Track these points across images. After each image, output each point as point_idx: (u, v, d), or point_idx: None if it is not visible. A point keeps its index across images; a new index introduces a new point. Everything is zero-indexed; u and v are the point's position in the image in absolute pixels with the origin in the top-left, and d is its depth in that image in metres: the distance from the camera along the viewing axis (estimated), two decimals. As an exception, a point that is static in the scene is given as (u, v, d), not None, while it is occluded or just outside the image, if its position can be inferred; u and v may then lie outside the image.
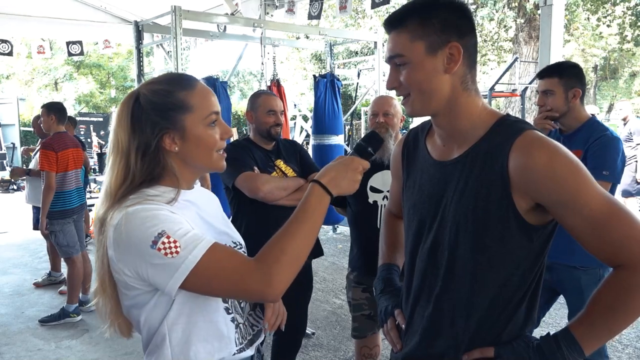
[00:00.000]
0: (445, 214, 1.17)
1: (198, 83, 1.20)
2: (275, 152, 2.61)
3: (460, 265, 1.16)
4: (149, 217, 1.05)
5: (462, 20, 1.14)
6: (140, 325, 1.17)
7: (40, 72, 19.69)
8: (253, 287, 1.04)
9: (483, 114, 1.17)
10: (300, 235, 1.09)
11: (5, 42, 7.38)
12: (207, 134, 1.17)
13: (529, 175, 1.06)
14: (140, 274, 1.06)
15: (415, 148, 1.35)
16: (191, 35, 5.74)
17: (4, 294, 4.86)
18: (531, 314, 1.18)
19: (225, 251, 1.08)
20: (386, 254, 1.52)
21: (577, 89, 2.36)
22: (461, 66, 1.13)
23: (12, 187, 12.19)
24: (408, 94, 1.16)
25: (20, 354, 3.59)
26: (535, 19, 11.28)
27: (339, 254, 6.12)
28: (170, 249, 1.02)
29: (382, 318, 1.38)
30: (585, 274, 2.32)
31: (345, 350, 3.57)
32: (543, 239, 1.13)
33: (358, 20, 14.17)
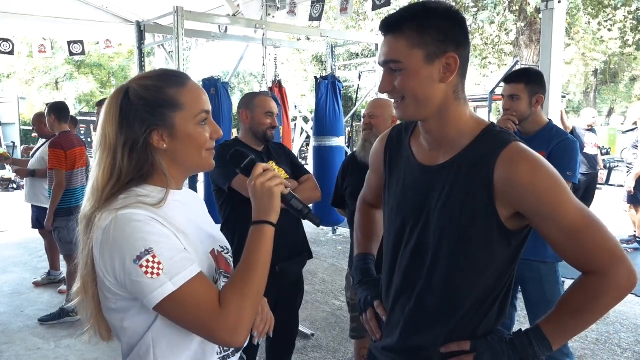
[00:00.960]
0: (430, 218, 1.22)
1: (189, 81, 1.18)
2: (267, 154, 2.59)
3: (443, 267, 1.21)
4: (140, 228, 1.03)
5: (459, 30, 1.16)
6: (121, 331, 1.13)
7: (41, 71, 19.69)
8: (217, 335, 1.05)
9: (470, 122, 1.21)
10: (256, 277, 1.10)
11: (7, 41, 7.39)
12: (197, 132, 1.15)
13: (513, 187, 1.12)
14: (120, 281, 1.04)
15: (399, 147, 1.37)
16: (193, 36, 5.75)
17: (3, 292, 4.86)
18: (504, 310, 1.26)
19: (202, 287, 1.05)
20: (362, 244, 1.56)
21: (540, 95, 2.51)
22: (456, 76, 1.16)
23: (12, 185, 12.19)
24: (402, 98, 1.18)
25: (19, 353, 3.59)
26: (536, 22, 11.31)
27: (338, 255, 6.12)
28: (152, 270, 1.00)
29: (362, 308, 1.43)
30: (544, 266, 2.52)
31: (345, 352, 3.57)
32: (519, 242, 1.21)
33: (359, 22, 14.19)
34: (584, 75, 23.14)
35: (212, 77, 4.78)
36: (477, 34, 13.16)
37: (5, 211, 9.31)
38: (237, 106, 2.63)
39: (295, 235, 2.54)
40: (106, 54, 16.07)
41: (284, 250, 2.41)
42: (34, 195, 4.81)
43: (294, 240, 2.53)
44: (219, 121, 4.55)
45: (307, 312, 4.14)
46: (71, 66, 19.15)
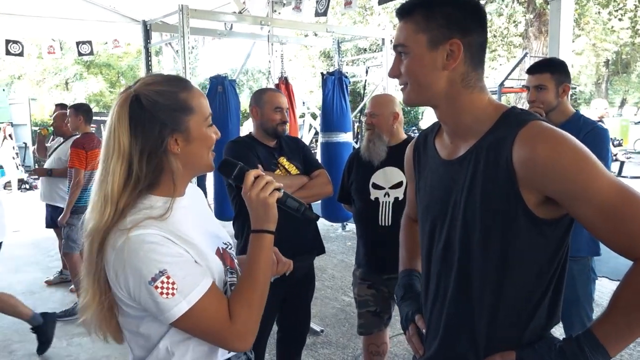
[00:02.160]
0: (455, 213, 1.16)
1: (192, 85, 1.23)
2: (279, 150, 2.58)
3: (472, 265, 1.13)
4: (153, 250, 1.06)
5: (469, 17, 1.12)
6: (136, 336, 1.16)
7: (51, 72, 19.86)
8: (227, 343, 1.15)
9: (489, 108, 1.15)
10: (259, 285, 1.17)
11: (16, 43, 7.45)
12: (208, 134, 1.20)
13: (534, 168, 1.02)
14: (134, 299, 1.08)
15: (425, 149, 1.34)
16: (199, 34, 5.77)
17: (16, 291, 4.89)
18: (554, 312, 1.14)
19: (214, 300, 1.11)
20: (406, 260, 1.51)
21: (566, 84, 2.45)
22: (461, 64, 1.12)
23: (25, 186, 12.31)
24: (406, 83, 1.17)
25: (32, 351, 3.63)
26: (545, 13, 11.19)
27: (347, 251, 6.12)
28: (167, 290, 1.05)
29: (404, 324, 1.37)
30: (575, 264, 2.37)
31: (354, 348, 3.57)
32: (558, 234, 1.10)
33: (366, 17, 14.14)
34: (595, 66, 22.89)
35: (219, 75, 4.78)
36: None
37: (18, 211, 9.41)
38: (249, 103, 2.65)
39: (306, 230, 2.52)
40: (115, 53, 16.17)
41: (294, 246, 2.41)
42: (49, 195, 4.87)
43: (304, 235, 2.50)
44: (226, 119, 4.56)
45: (317, 308, 4.14)
46: (80, 66, 19.29)
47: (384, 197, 2.45)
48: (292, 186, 2.39)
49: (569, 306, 2.47)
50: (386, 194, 2.45)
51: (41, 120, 16.03)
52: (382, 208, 2.45)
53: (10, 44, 7.42)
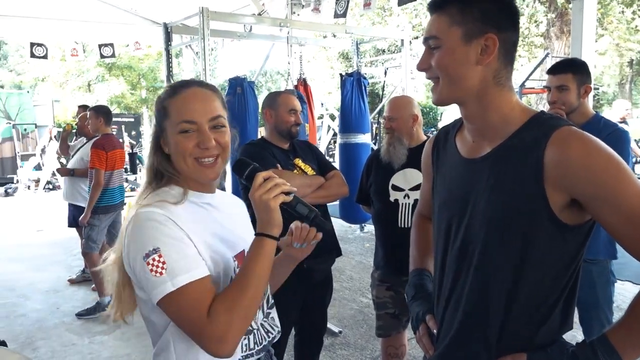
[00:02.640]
0: (475, 212, 1.14)
1: (187, 89, 1.22)
2: (293, 151, 2.60)
3: (489, 265, 1.13)
4: (152, 227, 1.10)
5: (504, 13, 1.11)
6: (148, 321, 1.22)
7: (73, 74, 20.20)
8: (204, 342, 1.07)
9: (516, 110, 1.14)
10: (250, 290, 1.10)
11: (41, 46, 7.61)
12: (178, 139, 1.19)
13: (565, 168, 1.02)
14: (136, 275, 1.12)
15: (445, 146, 1.32)
16: (219, 35, 5.80)
17: (40, 290, 5.01)
18: (567, 317, 1.14)
19: (199, 293, 1.08)
20: (417, 259, 1.49)
21: (588, 84, 2.43)
22: (495, 60, 1.10)
23: (48, 186, 12.55)
24: (437, 79, 1.15)
25: (55, 348, 3.70)
26: (567, 13, 11.03)
27: (366, 252, 6.10)
28: (156, 268, 1.06)
29: (415, 324, 1.36)
30: (595, 267, 2.37)
31: (372, 350, 3.56)
32: (578, 240, 1.09)
33: (385, 18, 14.09)
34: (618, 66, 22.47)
35: (237, 77, 4.81)
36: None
37: (41, 211, 9.60)
38: (261, 106, 2.65)
39: (324, 232, 2.53)
40: (136, 55, 16.38)
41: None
42: (72, 194, 4.97)
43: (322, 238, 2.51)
44: (244, 120, 4.57)
45: (335, 310, 4.14)
46: (102, 68, 19.57)
47: (404, 199, 2.44)
48: (311, 185, 2.40)
49: (588, 309, 2.44)
50: (406, 195, 2.44)
51: (64, 122, 16.31)
52: (402, 210, 2.44)
53: (35, 47, 7.59)
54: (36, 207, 10.24)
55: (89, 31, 7.80)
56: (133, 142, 12.92)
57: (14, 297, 4.80)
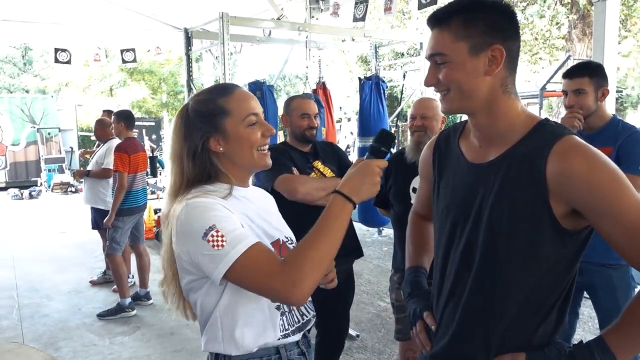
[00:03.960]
0: (479, 217, 1.17)
1: (237, 89, 1.32)
2: (313, 154, 2.62)
3: (492, 268, 1.16)
4: (205, 209, 1.17)
5: (507, 23, 1.14)
6: (196, 308, 1.29)
7: (96, 79, 20.54)
8: (278, 289, 1.12)
9: (522, 116, 1.17)
10: (322, 244, 1.14)
11: (65, 51, 7.76)
12: (247, 133, 1.28)
13: (567, 181, 1.06)
14: (194, 260, 1.18)
15: (447, 150, 1.34)
16: (238, 40, 5.87)
17: (62, 291, 5.10)
18: (562, 318, 1.18)
19: (263, 252, 1.15)
20: (413, 257, 1.52)
21: (605, 87, 2.40)
22: (502, 69, 1.13)
23: (70, 189, 12.77)
24: (447, 91, 1.17)
25: (76, 349, 3.75)
26: (589, 15, 10.86)
27: (384, 256, 6.08)
28: (217, 242, 1.13)
29: (412, 320, 1.39)
30: (616, 272, 2.35)
31: (390, 354, 3.54)
32: (577, 244, 1.13)
33: (404, 21, 14.05)
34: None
35: (257, 81, 4.85)
36: (527, 28, 12.76)
37: (64, 213, 9.77)
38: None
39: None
40: (157, 60, 16.60)
41: None
42: (92, 198, 5.06)
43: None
44: (264, 124, 4.61)
45: (353, 313, 4.10)
46: (124, 73, 19.88)
47: None
48: (325, 189, 2.39)
49: (608, 314, 2.41)
50: None
51: (87, 126, 16.60)
52: None
53: (59, 52, 7.74)
54: (59, 209, 10.43)
55: (112, 37, 7.95)
56: (154, 145, 13.10)
57: (38, 298, 4.89)
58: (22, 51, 24.07)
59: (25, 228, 8.41)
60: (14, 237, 7.66)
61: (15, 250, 6.80)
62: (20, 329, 4.15)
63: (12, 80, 23.70)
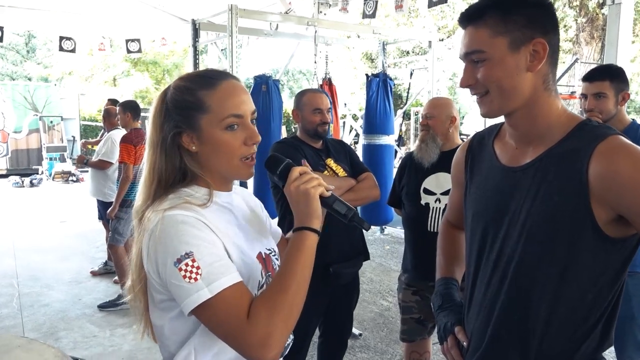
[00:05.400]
0: (514, 223, 1.11)
1: (223, 81, 1.12)
2: (325, 151, 2.56)
3: (527, 278, 1.09)
4: (184, 231, 1.01)
5: (547, 16, 1.09)
6: (162, 332, 1.12)
7: (99, 68, 20.47)
8: (246, 350, 0.99)
9: (562, 116, 1.10)
10: (290, 287, 1.02)
11: (69, 40, 7.72)
12: (224, 138, 1.10)
13: (611, 184, 0.98)
14: (163, 281, 1.04)
15: (480, 153, 1.28)
16: (245, 33, 5.82)
17: (63, 281, 5.08)
18: (608, 335, 1.10)
19: (236, 297, 1.00)
20: (444, 267, 1.44)
21: (626, 91, 2.38)
22: (545, 64, 1.07)
23: (72, 178, 12.74)
24: (486, 92, 1.10)
25: (77, 339, 3.73)
26: (598, 18, 10.82)
27: (386, 255, 6.06)
28: (190, 274, 0.98)
29: (442, 335, 1.32)
30: (631, 279, 2.29)
31: (393, 354, 3.52)
32: (623, 254, 1.06)
33: (410, 19, 14.00)
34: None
35: (263, 75, 4.81)
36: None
37: (65, 203, 9.74)
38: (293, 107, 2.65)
39: (351, 235, 2.50)
40: (161, 51, 16.53)
41: (339, 252, 2.38)
42: (96, 190, 5.05)
43: (349, 241, 2.48)
44: (269, 119, 4.56)
45: (355, 312, 4.06)
46: (128, 63, 19.80)
47: (435, 203, 2.40)
48: (340, 188, 2.35)
49: (622, 324, 2.36)
50: (437, 199, 2.40)
51: (89, 115, 16.55)
52: (432, 214, 2.40)
53: (63, 41, 7.70)
54: (60, 198, 10.40)
55: (117, 26, 7.89)
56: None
57: (38, 287, 4.87)
58: (26, 38, 23.99)
59: (26, 216, 8.38)
60: (14, 225, 7.63)
61: (15, 238, 6.77)
62: (20, 317, 4.13)
63: (15, 68, 23.60)
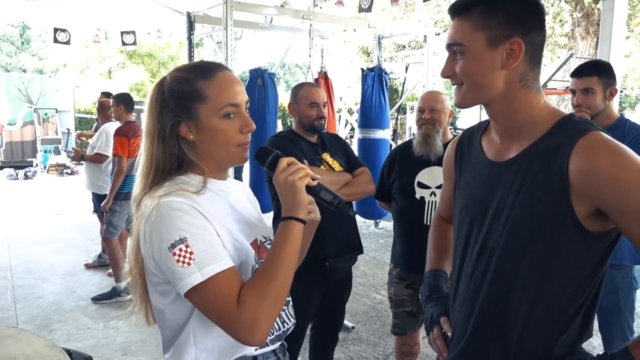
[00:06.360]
0: (497, 217, 1.13)
1: (220, 72, 1.18)
2: (321, 145, 2.55)
3: (509, 271, 1.11)
4: (179, 217, 1.06)
5: (530, 15, 1.09)
6: (161, 316, 1.18)
7: (94, 60, 20.37)
8: (235, 333, 1.05)
9: (544, 112, 1.11)
10: (277, 274, 1.07)
11: (64, 32, 7.68)
12: (221, 126, 1.15)
13: (591, 179, 1.00)
14: (158, 265, 1.09)
15: (469, 148, 1.30)
16: (241, 26, 5.80)
17: (57, 273, 5.08)
18: (587, 326, 1.12)
19: (228, 282, 1.05)
20: (434, 260, 1.48)
21: (613, 87, 2.41)
22: (521, 63, 1.08)
23: (66, 171, 12.70)
24: (462, 84, 1.12)
25: (70, 332, 3.74)
26: (593, 13, 10.82)
27: (380, 249, 6.09)
28: (183, 258, 1.04)
29: (428, 326, 1.34)
30: (619, 272, 2.34)
31: (385, 346, 3.55)
32: (603, 247, 1.07)
33: (407, 13, 13.97)
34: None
35: (259, 68, 4.80)
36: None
37: (60, 195, 9.72)
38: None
39: (346, 230, 2.50)
40: (157, 44, 16.45)
41: (335, 246, 2.39)
42: (90, 183, 5.05)
43: (345, 236, 2.49)
44: (264, 112, 4.57)
45: (348, 305, 4.08)
46: (123, 56, 19.71)
47: (430, 197, 2.42)
48: (337, 182, 2.35)
49: (609, 315, 2.41)
50: (432, 193, 2.41)
51: (84, 108, 16.48)
52: (428, 207, 2.41)
53: (58, 32, 7.66)
54: (54, 191, 10.38)
55: (112, 18, 7.85)
56: (151, 130, 13.00)
57: (32, 279, 4.87)
58: (20, 30, 23.82)
59: (20, 209, 8.36)
60: (8, 217, 7.62)
61: (10, 231, 6.75)
62: (14, 309, 4.13)
63: (9, 59, 23.47)
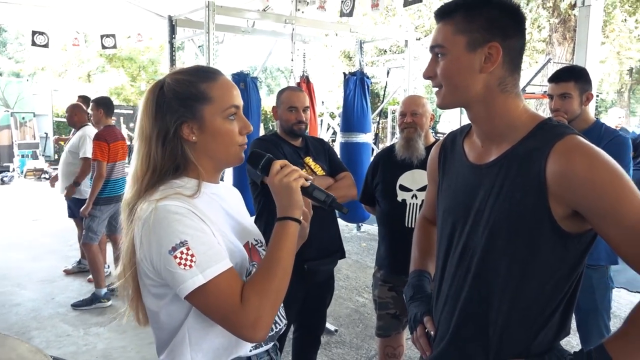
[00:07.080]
0: (478, 218, 1.15)
1: (221, 76, 1.22)
2: (304, 149, 2.57)
3: (490, 272, 1.13)
4: (177, 220, 1.08)
5: (510, 21, 1.12)
6: (157, 317, 1.18)
7: (73, 64, 20.09)
8: (239, 331, 1.08)
9: (523, 116, 1.14)
10: (276, 273, 1.11)
11: (42, 34, 7.56)
12: (225, 127, 1.19)
13: (568, 182, 1.03)
14: (156, 269, 1.10)
15: (452, 151, 1.32)
16: (223, 30, 5.79)
17: (35, 279, 4.99)
18: (565, 325, 1.15)
19: (229, 283, 1.08)
20: (418, 260, 1.50)
21: (590, 92, 2.47)
22: (499, 68, 1.11)
23: (44, 176, 12.50)
24: (440, 86, 1.16)
25: (50, 339, 3.68)
26: (570, 19, 11.04)
27: (362, 252, 6.11)
28: (185, 261, 1.05)
29: (412, 325, 1.37)
30: (595, 273, 2.40)
31: (368, 349, 3.56)
32: (580, 248, 1.10)
33: (388, 18, 14.08)
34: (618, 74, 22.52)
35: (241, 72, 4.80)
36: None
37: (37, 200, 9.55)
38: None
39: (327, 234, 2.51)
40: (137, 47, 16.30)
41: (315, 249, 2.40)
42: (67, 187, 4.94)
43: (326, 239, 2.50)
44: (247, 116, 4.45)
45: (331, 308, 4.11)
46: (103, 59, 19.48)
47: (412, 199, 2.44)
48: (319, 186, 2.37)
49: (586, 315, 2.46)
50: (414, 196, 2.44)
51: (63, 112, 16.22)
52: (410, 210, 2.44)
53: (36, 35, 7.54)
54: (32, 196, 10.20)
55: (91, 21, 7.76)
56: (131, 134, 12.87)
57: (10, 286, 4.78)
58: (-4, 32, 23.39)
59: (-4, 214, 8.21)
60: (-16, 223, 7.47)
61: (-14, 236, 6.63)
62: (-10, 317, 4.06)
63: (-15, 62, 23.01)
